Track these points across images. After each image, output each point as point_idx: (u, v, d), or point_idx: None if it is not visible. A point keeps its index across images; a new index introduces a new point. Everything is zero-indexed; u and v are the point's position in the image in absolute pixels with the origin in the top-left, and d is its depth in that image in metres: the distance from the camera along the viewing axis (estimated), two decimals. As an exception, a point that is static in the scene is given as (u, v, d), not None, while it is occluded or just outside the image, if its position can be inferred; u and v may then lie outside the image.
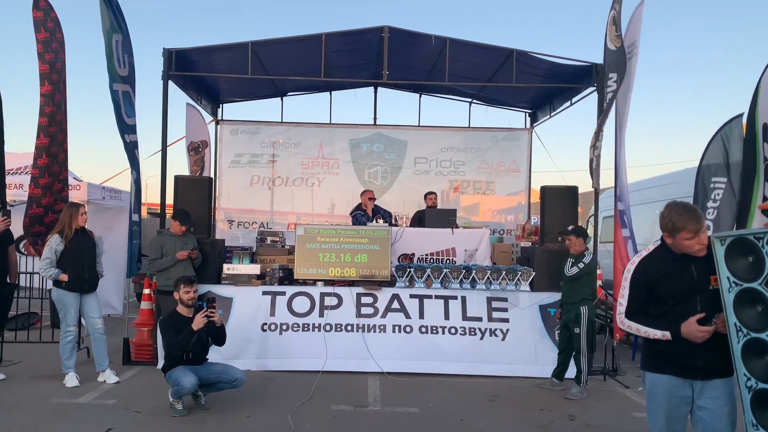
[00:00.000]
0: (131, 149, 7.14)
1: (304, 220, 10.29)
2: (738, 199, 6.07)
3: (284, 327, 6.94)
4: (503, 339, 6.84)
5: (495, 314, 6.94)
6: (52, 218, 6.38)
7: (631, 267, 3.06)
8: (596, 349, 7.09)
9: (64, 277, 5.89)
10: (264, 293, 7.07)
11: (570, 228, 6.25)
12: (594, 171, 7.14)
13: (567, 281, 6.14)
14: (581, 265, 5.96)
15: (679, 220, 2.83)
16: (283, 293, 7.08)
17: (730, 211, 6.21)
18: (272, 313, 6.98)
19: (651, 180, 9.65)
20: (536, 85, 8.82)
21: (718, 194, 6.23)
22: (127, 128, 7.07)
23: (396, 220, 9.14)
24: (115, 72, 6.90)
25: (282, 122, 10.90)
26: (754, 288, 2.65)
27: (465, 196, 10.95)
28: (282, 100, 10.93)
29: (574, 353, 6.15)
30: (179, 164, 9.63)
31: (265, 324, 6.94)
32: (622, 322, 3.05)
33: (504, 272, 7.15)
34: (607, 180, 7.88)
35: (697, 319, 2.80)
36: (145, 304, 7.33)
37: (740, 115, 6.09)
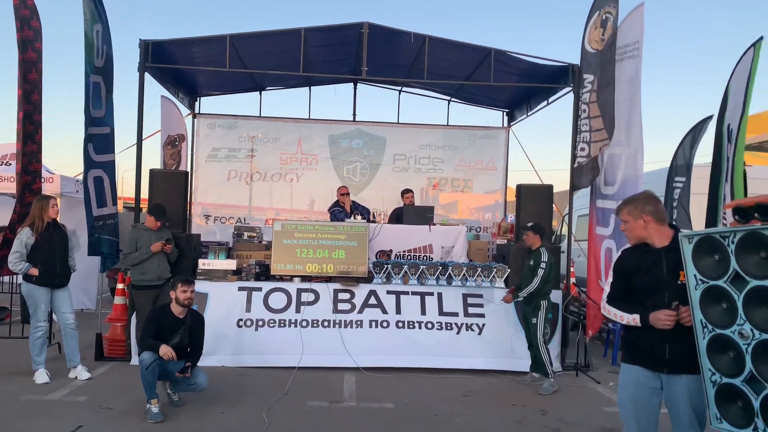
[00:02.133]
0: (86, 141, 6.85)
1: (283, 216, 10.24)
2: (708, 200, 6.22)
3: (260, 323, 6.92)
4: (479, 333, 6.91)
5: (471, 309, 7.01)
6: (21, 211, 6.24)
7: (617, 256, 3.27)
8: (569, 345, 7.24)
9: (34, 271, 5.77)
10: (240, 289, 7.03)
11: (529, 224, 6.38)
12: (585, 170, 7.21)
13: (529, 276, 6.19)
14: (543, 264, 6.05)
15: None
16: (259, 289, 7.04)
17: (684, 211, 6.36)
18: (248, 309, 6.95)
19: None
20: (513, 84, 8.89)
21: (677, 193, 6.38)
22: (90, 120, 6.85)
23: (374, 217, 9.15)
24: (93, 63, 6.77)
25: (260, 117, 10.80)
26: (720, 286, 2.72)
27: (444, 193, 11.00)
28: (261, 94, 10.84)
29: (530, 346, 6.24)
30: (155, 158, 9.47)
31: (241, 320, 6.91)
32: (604, 307, 3.21)
33: (479, 269, 7.22)
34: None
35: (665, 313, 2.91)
36: (118, 299, 7.23)
37: (710, 117, 6.24)
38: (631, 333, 3.13)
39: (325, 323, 6.93)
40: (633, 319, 3.02)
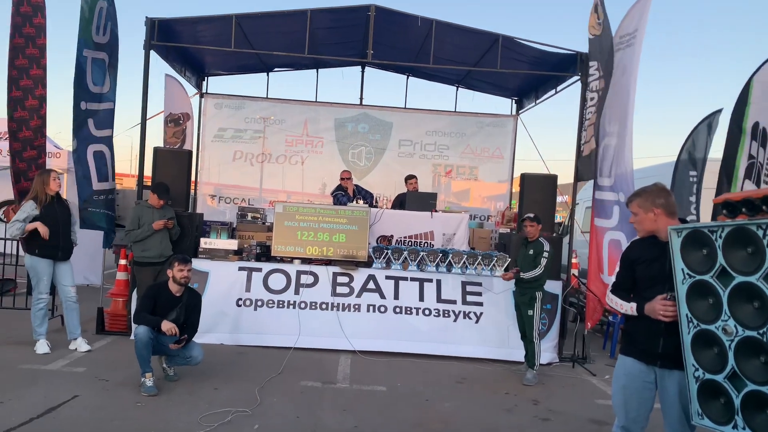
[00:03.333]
0: (83, 116, 6.93)
1: (294, 200, 10.26)
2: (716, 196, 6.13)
3: (259, 303, 6.98)
4: (477, 322, 6.93)
5: (469, 297, 7.02)
6: (25, 185, 6.31)
7: (626, 246, 3.29)
8: (567, 336, 7.23)
9: (31, 226, 5.77)
10: (240, 269, 7.08)
11: (530, 215, 6.34)
12: (591, 161, 7.15)
13: (530, 265, 6.17)
14: (545, 254, 6.04)
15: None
16: (259, 269, 7.09)
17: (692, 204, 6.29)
18: (248, 289, 7.01)
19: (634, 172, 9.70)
20: (520, 72, 8.80)
21: (695, 188, 6.28)
22: (87, 95, 6.89)
23: (377, 202, 9.14)
24: (90, 38, 6.78)
25: (267, 98, 10.79)
26: (706, 281, 2.70)
27: (456, 181, 10.97)
28: (268, 75, 10.82)
29: (523, 336, 6.24)
30: (159, 137, 9.43)
31: (240, 299, 6.97)
32: (608, 296, 3.22)
33: (480, 257, 7.20)
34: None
35: (662, 298, 2.91)
36: (120, 275, 7.31)
37: (720, 111, 6.12)
38: (629, 324, 3.15)
39: (323, 306, 6.98)
40: (631, 307, 3.04)
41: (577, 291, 8.15)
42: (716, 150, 6.77)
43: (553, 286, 7.00)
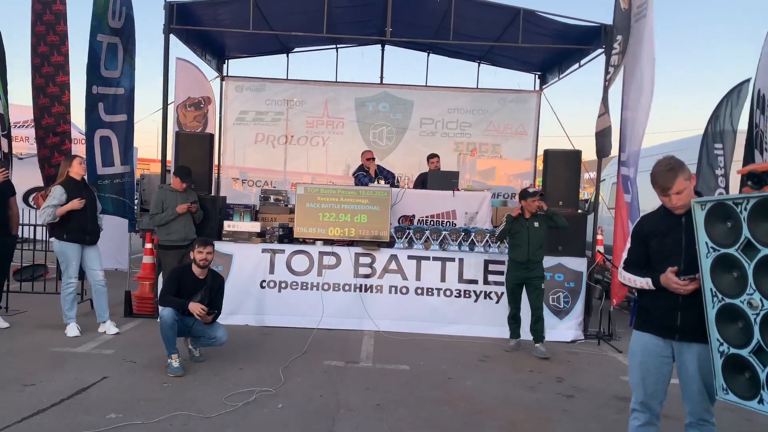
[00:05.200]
0: (94, 100, 7.00)
1: (319, 182, 10.28)
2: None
3: (283, 284, 7.04)
4: (497, 302, 6.88)
5: (491, 277, 6.97)
6: (50, 172, 6.44)
7: (635, 222, 3.23)
8: (592, 314, 7.14)
9: (63, 210, 5.88)
10: (263, 251, 7.13)
11: (531, 190, 6.30)
12: (606, 138, 6.99)
13: (542, 240, 6.18)
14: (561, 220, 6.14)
15: (654, 174, 2.92)
16: (282, 251, 7.14)
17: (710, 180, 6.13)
18: (271, 271, 7.07)
19: (659, 147, 9.46)
20: (542, 46, 8.57)
21: (721, 161, 6.10)
22: (99, 80, 6.97)
23: (398, 181, 9.09)
24: (106, 23, 6.83)
25: (287, 80, 10.79)
26: (731, 254, 2.62)
27: (481, 160, 10.86)
28: (288, 56, 10.79)
29: (535, 308, 6.19)
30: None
31: (264, 281, 7.04)
32: (620, 273, 3.18)
33: (503, 235, 7.12)
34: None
35: (674, 271, 2.84)
36: (147, 259, 7.44)
37: (747, 81, 5.90)
38: (644, 299, 3.08)
39: (346, 287, 7.01)
40: (646, 282, 2.97)
41: (603, 268, 8.02)
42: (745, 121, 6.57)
43: (578, 264, 6.91)
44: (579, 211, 7.44)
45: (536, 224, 6.17)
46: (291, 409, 4.34)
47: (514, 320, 6.37)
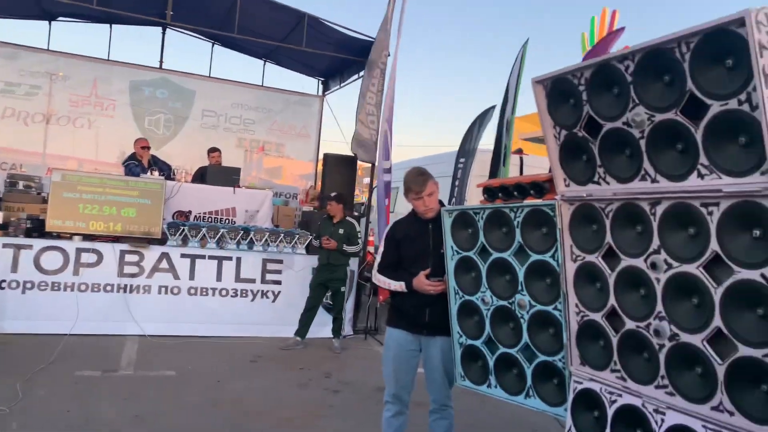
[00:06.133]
0: None
1: (87, 168, 9.13)
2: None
3: (28, 285, 6.17)
4: (273, 301, 6.92)
5: (269, 276, 6.97)
6: None
7: (388, 227, 3.43)
8: (361, 310, 7.58)
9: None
10: (5, 246, 6.15)
11: (333, 194, 6.59)
12: (373, 145, 7.46)
13: (344, 243, 6.41)
14: (360, 234, 6.44)
15: (407, 181, 3.22)
16: (29, 247, 6.24)
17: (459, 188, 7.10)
18: (14, 270, 6.15)
19: (422, 159, 10.43)
20: (325, 53, 8.81)
21: (459, 173, 7.04)
22: None
23: (175, 174, 8.59)
24: None
25: (49, 50, 9.46)
26: (470, 257, 2.99)
27: (268, 158, 10.74)
28: (50, 24, 9.48)
29: (337, 310, 6.58)
30: None
31: (5, 281, 6.10)
32: (375, 276, 3.37)
33: (282, 235, 7.18)
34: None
35: (426, 275, 3.14)
36: None
37: (493, 107, 6.85)
38: (397, 298, 3.33)
39: (108, 287, 6.40)
40: (399, 285, 3.22)
41: (372, 267, 8.56)
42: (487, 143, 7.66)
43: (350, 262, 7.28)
44: (355, 213, 7.84)
45: (341, 231, 6.40)
46: (28, 430, 3.80)
47: (307, 319, 6.47)
